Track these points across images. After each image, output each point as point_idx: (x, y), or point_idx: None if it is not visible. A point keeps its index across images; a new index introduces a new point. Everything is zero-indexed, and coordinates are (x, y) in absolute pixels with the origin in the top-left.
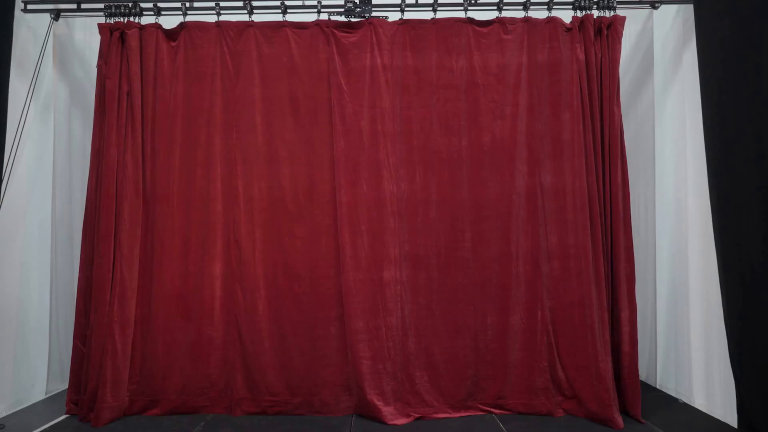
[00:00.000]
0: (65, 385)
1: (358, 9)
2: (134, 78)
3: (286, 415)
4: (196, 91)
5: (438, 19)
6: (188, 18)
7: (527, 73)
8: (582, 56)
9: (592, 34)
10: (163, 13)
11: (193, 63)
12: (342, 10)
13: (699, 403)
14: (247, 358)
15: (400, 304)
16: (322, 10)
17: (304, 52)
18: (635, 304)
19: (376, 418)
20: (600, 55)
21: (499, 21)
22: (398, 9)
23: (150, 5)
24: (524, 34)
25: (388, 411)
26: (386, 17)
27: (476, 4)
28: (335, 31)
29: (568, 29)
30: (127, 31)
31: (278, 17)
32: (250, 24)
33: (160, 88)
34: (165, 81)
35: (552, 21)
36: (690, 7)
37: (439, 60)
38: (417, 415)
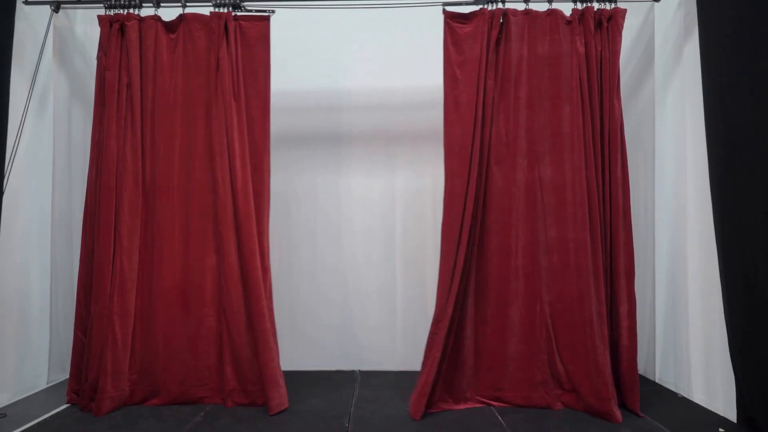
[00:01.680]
0: (66, 375)
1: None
2: (134, 70)
3: None
4: (195, 84)
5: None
6: (187, 10)
7: (527, 66)
8: (582, 49)
9: (592, 26)
10: (162, 4)
11: (191, 55)
12: None
13: (698, 397)
14: (235, 349)
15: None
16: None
17: None
18: (634, 299)
19: None
20: (600, 48)
21: None
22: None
23: None
24: (525, 26)
25: None
26: (273, 11)
27: None
28: (449, 21)
29: (568, 22)
30: (126, 23)
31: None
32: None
33: (160, 80)
34: (164, 73)
35: (552, 13)
36: (692, 0)
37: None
38: None
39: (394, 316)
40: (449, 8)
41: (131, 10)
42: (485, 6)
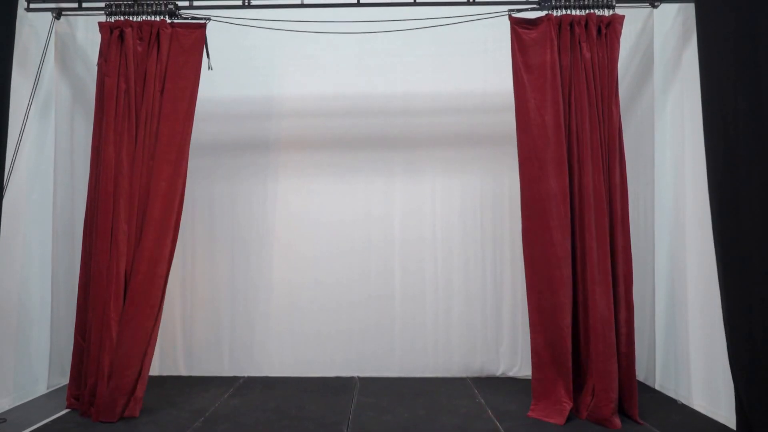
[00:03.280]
0: (66, 380)
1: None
2: (130, 77)
3: None
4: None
5: None
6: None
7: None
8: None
9: (594, 33)
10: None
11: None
12: None
13: (698, 404)
14: None
15: None
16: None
17: None
18: (632, 305)
19: None
20: (599, 55)
21: None
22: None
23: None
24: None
25: None
26: (209, 18)
27: (474, 3)
28: (516, 27)
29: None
30: (125, 29)
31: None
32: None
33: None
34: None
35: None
36: (690, 6)
37: None
38: None
39: (392, 323)
40: (515, 14)
41: (131, 17)
42: (551, 12)
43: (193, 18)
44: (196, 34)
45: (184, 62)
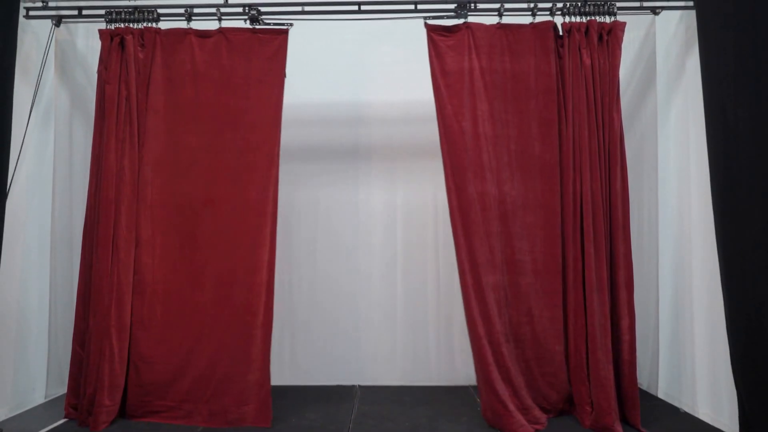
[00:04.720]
0: (65, 389)
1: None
2: (132, 83)
3: None
4: (212, 96)
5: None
6: (189, 24)
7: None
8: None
9: (592, 39)
10: (162, 19)
11: (204, 67)
12: None
13: (703, 412)
14: None
15: None
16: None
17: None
18: (634, 312)
19: None
20: (600, 61)
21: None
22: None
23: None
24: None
25: None
26: (291, 24)
27: (475, 9)
28: (432, 35)
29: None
30: (126, 36)
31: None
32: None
33: (179, 92)
34: (158, 87)
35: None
36: (693, 13)
37: None
38: None
39: (394, 331)
40: (431, 21)
41: (131, 24)
42: (467, 20)
43: (277, 24)
44: (279, 40)
45: (269, 69)
